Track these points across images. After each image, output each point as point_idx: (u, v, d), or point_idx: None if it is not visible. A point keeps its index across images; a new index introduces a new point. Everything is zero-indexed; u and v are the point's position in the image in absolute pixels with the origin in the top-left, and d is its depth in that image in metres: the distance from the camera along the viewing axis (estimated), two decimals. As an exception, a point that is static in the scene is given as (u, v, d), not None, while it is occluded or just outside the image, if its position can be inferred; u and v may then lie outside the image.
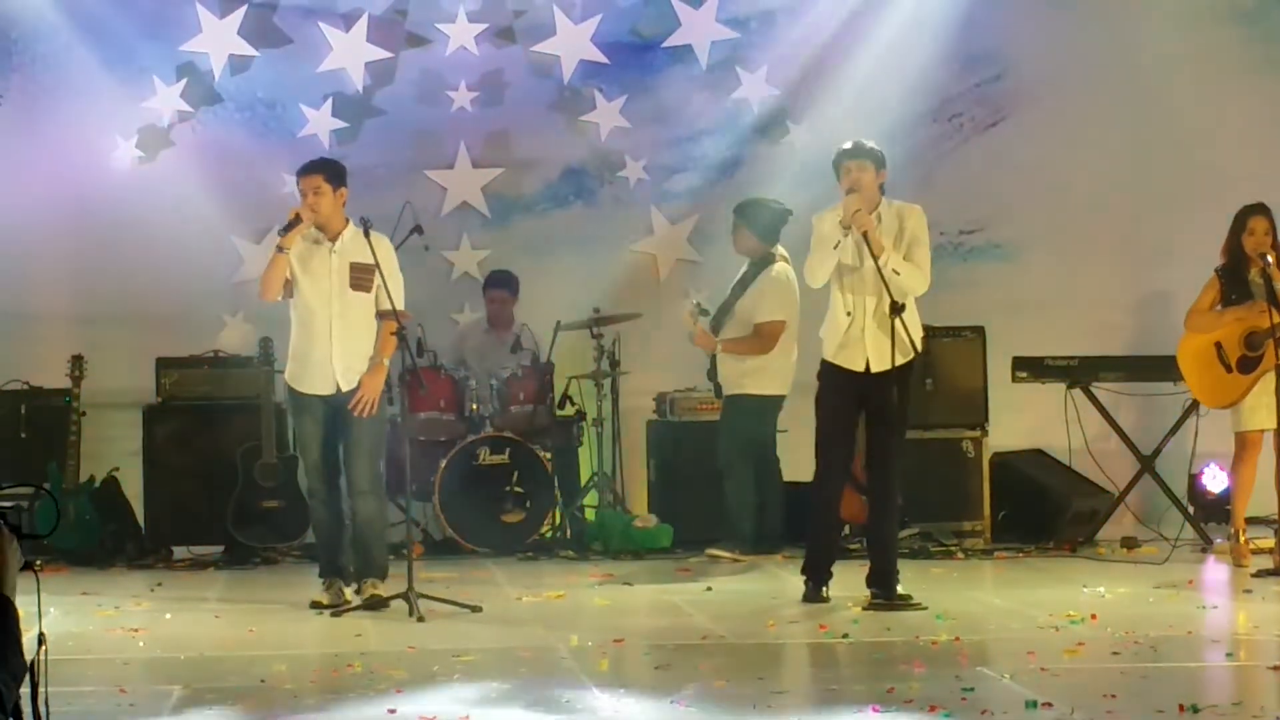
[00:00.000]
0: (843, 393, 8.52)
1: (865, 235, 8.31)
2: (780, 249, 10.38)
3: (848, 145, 8.57)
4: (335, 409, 8.64)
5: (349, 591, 8.68)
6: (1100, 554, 10.50)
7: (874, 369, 8.43)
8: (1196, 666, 6.73)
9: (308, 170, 8.71)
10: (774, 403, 10.40)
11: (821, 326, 8.67)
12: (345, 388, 8.58)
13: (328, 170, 8.68)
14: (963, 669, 6.65)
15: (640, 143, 11.92)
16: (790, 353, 10.32)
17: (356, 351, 8.57)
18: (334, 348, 8.57)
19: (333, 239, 8.61)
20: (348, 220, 8.68)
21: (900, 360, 8.31)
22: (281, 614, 8.56)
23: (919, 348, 8.40)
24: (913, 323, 8.39)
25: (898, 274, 8.30)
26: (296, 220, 8.59)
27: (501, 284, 11.41)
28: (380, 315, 8.60)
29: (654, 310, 11.33)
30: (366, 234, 8.51)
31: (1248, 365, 9.75)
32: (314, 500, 8.82)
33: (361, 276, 8.56)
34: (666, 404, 11.14)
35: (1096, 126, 11.94)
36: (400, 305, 8.60)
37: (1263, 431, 9.78)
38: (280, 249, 8.59)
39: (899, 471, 8.56)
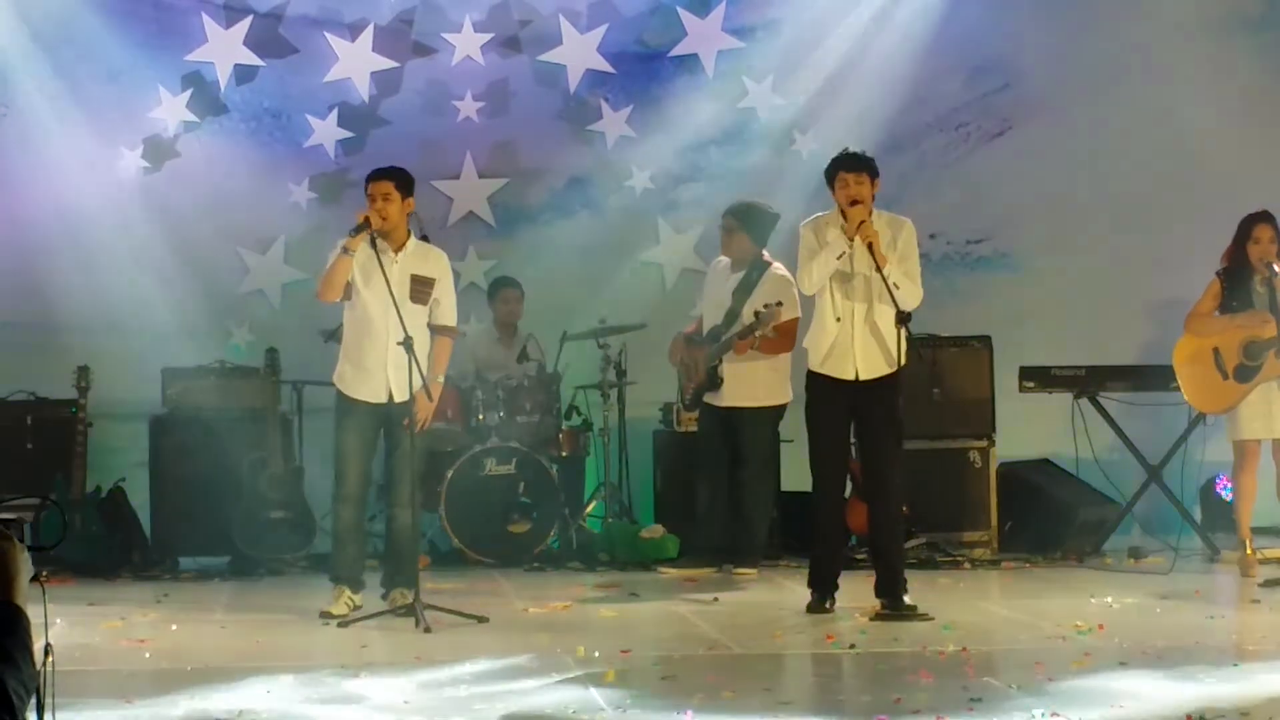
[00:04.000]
0: (833, 403, 8.52)
1: (871, 246, 8.33)
2: (766, 252, 10.35)
3: (843, 155, 8.58)
4: (384, 418, 8.68)
5: (357, 598, 8.68)
6: (1107, 564, 10.49)
7: (863, 377, 8.44)
8: (1204, 677, 6.71)
9: (379, 175, 8.70)
10: (783, 410, 10.41)
11: (806, 337, 8.68)
12: (398, 398, 8.58)
13: (399, 178, 8.68)
14: (970, 679, 6.64)
15: (646, 152, 11.92)
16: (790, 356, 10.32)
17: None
18: (390, 357, 8.57)
19: (396, 249, 8.64)
20: (410, 232, 8.72)
21: (888, 370, 8.35)
22: (288, 625, 8.55)
23: (904, 361, 8.41)
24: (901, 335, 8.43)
25: (898, 287, 8.31)
26: (365, 224, 8.56)
27: (510, 284, 11.38)
28: (434, 329, 8.63)
29: (660, 320, 11.27)
30: (425, 238, 8.61)
31: (1245, 374, 9.75)
32: (344, 505, 8.76)
33: (421, 289, 8.61)
34: (673, 414, 11.11)
35: (1102, 136, 11.94)
36: (453, 321, 8.70)
37: (1259, 441, 9.78)
38: (345, 250, 8.56)
39: (898, 478, 8.56)
